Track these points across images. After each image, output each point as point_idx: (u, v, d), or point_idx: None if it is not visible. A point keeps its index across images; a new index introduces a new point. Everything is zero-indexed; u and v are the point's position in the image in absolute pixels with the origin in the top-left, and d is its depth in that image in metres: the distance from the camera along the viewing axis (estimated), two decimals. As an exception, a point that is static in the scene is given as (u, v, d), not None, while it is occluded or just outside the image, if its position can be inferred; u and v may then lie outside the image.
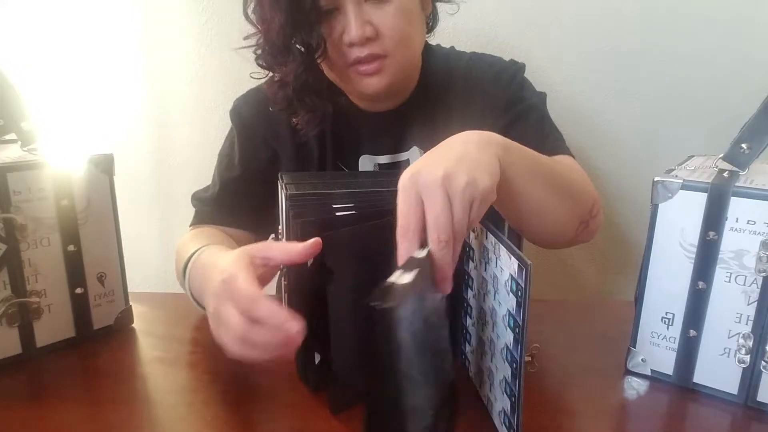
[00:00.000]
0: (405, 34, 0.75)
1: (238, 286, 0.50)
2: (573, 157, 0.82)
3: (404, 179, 0.49)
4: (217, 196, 0.89)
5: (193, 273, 0.71)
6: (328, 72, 0.80)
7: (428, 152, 0.53)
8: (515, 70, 0.86)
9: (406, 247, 0.48)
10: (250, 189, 0.87)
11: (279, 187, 0.64)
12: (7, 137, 0.71)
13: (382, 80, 0.76)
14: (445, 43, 0.93)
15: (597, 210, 0.72)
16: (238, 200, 0.88)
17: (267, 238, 0.90)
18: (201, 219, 0.89)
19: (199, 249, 0.72)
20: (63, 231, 0.70)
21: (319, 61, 0.76)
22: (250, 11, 0.77)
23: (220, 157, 0.92)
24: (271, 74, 0.80)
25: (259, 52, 0.79)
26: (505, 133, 0.81)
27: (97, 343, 0.73)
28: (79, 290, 0.72)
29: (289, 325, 0.47)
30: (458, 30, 1.12)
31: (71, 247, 0.71)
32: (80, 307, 0.72)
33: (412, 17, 0.76)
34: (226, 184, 0.89)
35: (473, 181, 0.48)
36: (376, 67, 0.75)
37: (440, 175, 0.47)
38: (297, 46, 0.75)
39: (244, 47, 0.78)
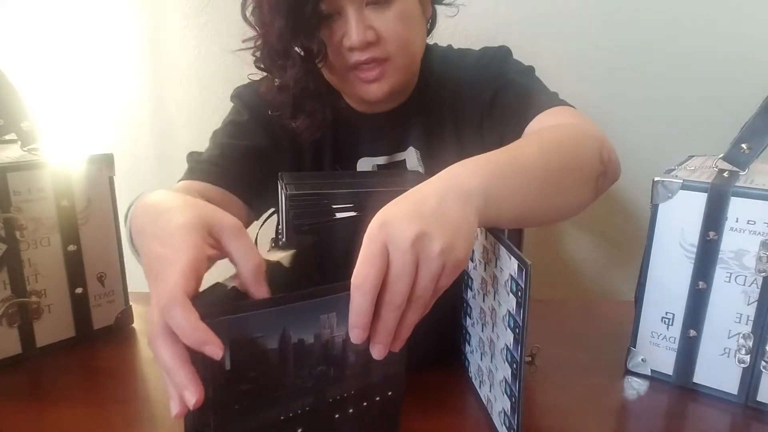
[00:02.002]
0: (406, 39, 0.75)
1: (168, 279, 0.40)
2: (569, 105, 0.76)
3: (373, 227, 0.44)
4: (214, 156, 0.81)
5: (138, 210, 0.55)
6: (328, 76, 0.80)
7: (400, 198, 0.48)
8: (495, 50, 0.85)
9: (358, 303, 0.42)
10: (245, 161, 0.81)
11: (279, 187, 0.64)
12: (7, 137, 0.71)
13: (382, 86, 0.76)
14: (444, 45, 0.93)
15: (607, 155, 0.65)
16: (233, 164, 0.80)
17: (258, 217, 0.87)
18: (193, 174, 0.79)
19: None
20: (63, 231, 0.70)
21: (320, 66, 0.76)
22: (248, 13, 0.76)
23: (219, 129, 0.87)
24: (268, 76, 0.80)
25: (257, 54, 0.78)
26: (490, 112, 0.81)
27: (97, 343, 0.73)
28: (79, 290, 0.72)
29: (185, 393, 0.38)
30: (458, 31, 1.13)
31: (71, 247, 0.70)
32: (80, 307, 0.72)
33: (413, 21, 0.76)
34: (223, 149, 0.82)
35: (449, 249, 0.44)
36: (378, 73, 0.75)
37: (413, 234, 0.43)
38: (297, 50, 0.74)
39: (242, 49, 0.78)
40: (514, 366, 0.50)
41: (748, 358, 0.58)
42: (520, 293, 0.48)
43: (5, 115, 0.69)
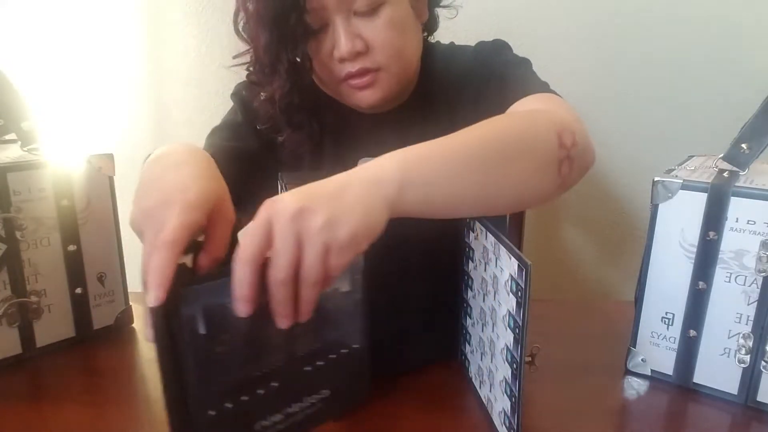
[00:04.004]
0: (397, 47, 0.74)
1: (178, 216, 0.44)
2: (552, 93, 0.74)
3: (264, 203, 0.45)
4: None
5: (172, 145, 0.60)
6: (322, 85, 0.80)
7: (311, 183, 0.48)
8: (490, 45, 0.84)
9: (238, 275, 0.43)
10: (235, 163, 0.80)
11: (279, 187, 0.64)
12: (7, 137, 0.71)
13: (375, 93, 0.76)
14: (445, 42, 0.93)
15: (571, 137, 0.61)
16: (227, 168, 0.79)
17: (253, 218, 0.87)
18: None
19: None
20: (63, 231, 0.70)
21: (308, 80, 0.75)
22: (240, 28, 0.76)
23: (215, 128, 0.87)
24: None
25: (250, 68, 0.78)
26: (478, 103, 0.80)
27: (97, 343, 0.73)
28: (79, 290, 0.72)
29: (152, 292, 0.41)
30: (458, 31, 1.12)
31: (71, 247, 0.70)
32: (80, 307, 0.72)
33: (404, 28, 0.75)
34: (218, 151, 0.81)
35: (331, 224, 0.44)
36: (369, 80, 0.74)
37: (294, 208, 0.43)
38: (284, 63, 0.74)
39: (236, 65, 0.78)
40: (514, 366, 0.50)
41: (748, 358, 0.58)
42: (520, 293, 0.48)
43: (5, 115, 0.69)
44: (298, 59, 0.72)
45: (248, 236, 0.44)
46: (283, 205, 0.44)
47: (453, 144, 0.56)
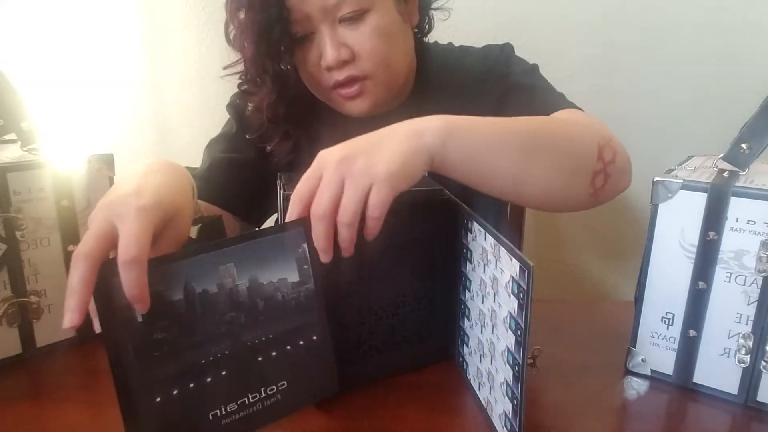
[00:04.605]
0: (383, 54, 0.73)
1: (141, 222, 0.44)
2: (577, 108, 0.76)
3: (318, 155, 0.51)
4: (205, 172, 0.84)
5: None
6: (314, 92, 0.79)
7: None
8: (500, 49, 0.85)
9: (290, 210, 0.50)
10: (233, 174, 0.84)
11: (278, 187, 0.64)
12: (7, 137, 0.71)
13: (363, 102, 0.76)
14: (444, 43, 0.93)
15: (611, 154, 0.63)
16: (225, 179, 0.83)
17: (259, 225, 0.88)
18: None
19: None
20: (63, 231, 0.70)
21: (294, 89, 0.75)
22: (231, 38, 0.76)
23: (212, 141, 0.89)
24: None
25: (242, 78, 0.78)
26: (497, 113, 0.80)
27: (97, 343, 0.73)
28: (79, 290, 0.72)
29: (68, 314, 0.42)
30: (458, 30, 1.13)
31: (71, 247, 0.70)
32: (80, 307, 0.72)
33: (390, 35, 0.74)
34: (215, 164, 0.85)
35: (370, 166, 0.48)
36: (357, 90, 0.74)
37: (339, 156, 0.49)
38: (270, 75, 0.74)
39: (228, 75, 0.78)
40: (516, 368, 0.50)
41: (748, 358, 0.58)
42: (522, 295, 0.48)
43: (5, 115, 0.69)
44: (286, 69, 0.72)
45: (301, 182, 0.50)
46: (330, 154, 0.50)
47: (501, 121, 0.58)
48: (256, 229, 0.91)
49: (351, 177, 0.48)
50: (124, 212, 0.45)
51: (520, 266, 0.48)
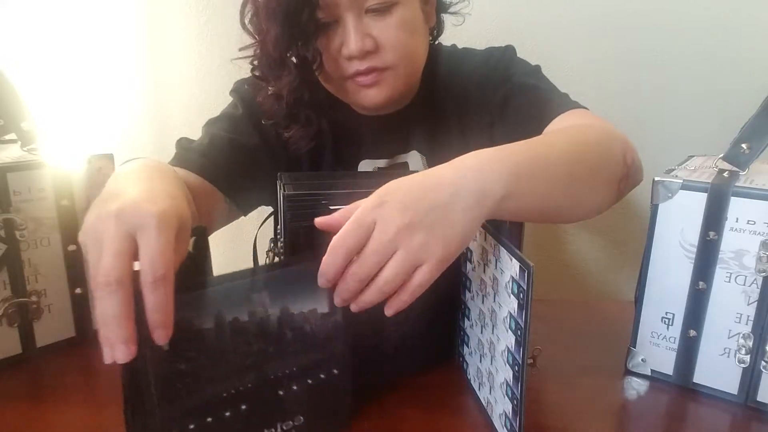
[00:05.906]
0: (407, 47, 0.73)
1: (160, 239, 0.40)
2: (583, 108, 0.75)
3: (375, 198, 0.46)
4: (202, 146, 0.80)
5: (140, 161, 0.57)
6: (326, 84, 0.79)
7: (415, 176, 0.49)
8: (501, 52, 0.84)
9: (330, 260, 0.45)
10: (232, 155, 0.80)
11: (278, 187, 0.64)
12: (7, 137, 0.71)
13: (381, 92, 0.75)
14: (446, 44, 0.93)
15: (631, 157, 0.64)
16: (220, 156, 0.79)
17: (245, 214, 0.87)
18: (179, 162, 0.76)
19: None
20: (63, 231, 0.70)
21: (317, 75, 0.75)
22: (247, 21, 0.75)
23: (212, 119, 0.86)
24: (264, 84, 0.78)
25: (255, 63, 0.77)
26: (502, 116, 0.80)
27: (97, 343, 0.73)
28: (79, 290, 0.72)
29: (122, 346, 0.39)
30: (460, 30, 1.12)
31: (71, 247, 0.70)
32: (80, 307, 0.72)
33: (414, 29, 0.74)
34: (213, 139, 0.81)
35: (430, 245, 0.45)
36: (375, 78, 0.73)
37: (401, 224, 0.45)
38: (292, 59, 0.73)
39: (240, 58, 0.77)
40: (516, 368, 0.50)
41: (748, 358, 0.58)
42: (522, 295, 0.48)
43: (5, 115, 0.69)
44: (308, 55, 0.72)
45: (350, 232, 0.45)
46: (391, 216, 0.45)
47: (546, 155, 0.56)
48: (255, 230, 0.90)
49: (406, 251, 0.45)
50: (144, 224, 0.40)
51: (520, 266, 0.48)
